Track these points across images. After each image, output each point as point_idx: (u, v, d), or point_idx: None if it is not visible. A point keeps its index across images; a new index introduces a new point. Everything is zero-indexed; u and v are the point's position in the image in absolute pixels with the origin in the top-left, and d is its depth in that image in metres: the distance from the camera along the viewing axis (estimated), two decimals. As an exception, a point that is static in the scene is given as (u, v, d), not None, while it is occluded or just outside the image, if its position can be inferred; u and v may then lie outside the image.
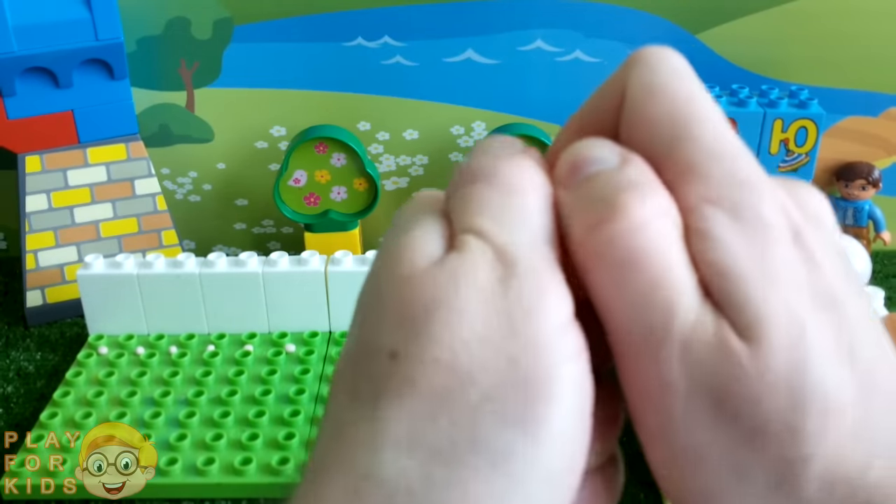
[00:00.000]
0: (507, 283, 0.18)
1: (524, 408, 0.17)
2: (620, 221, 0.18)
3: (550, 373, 0.18)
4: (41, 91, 0.73)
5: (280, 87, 0.80)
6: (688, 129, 0.19)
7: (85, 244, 0.77)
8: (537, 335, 0.18)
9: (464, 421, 0.17)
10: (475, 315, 0.18)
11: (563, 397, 0.18)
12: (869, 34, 0.75)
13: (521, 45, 0.77)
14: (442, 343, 0.18)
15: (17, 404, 0.67)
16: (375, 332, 0.19)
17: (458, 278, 0.18)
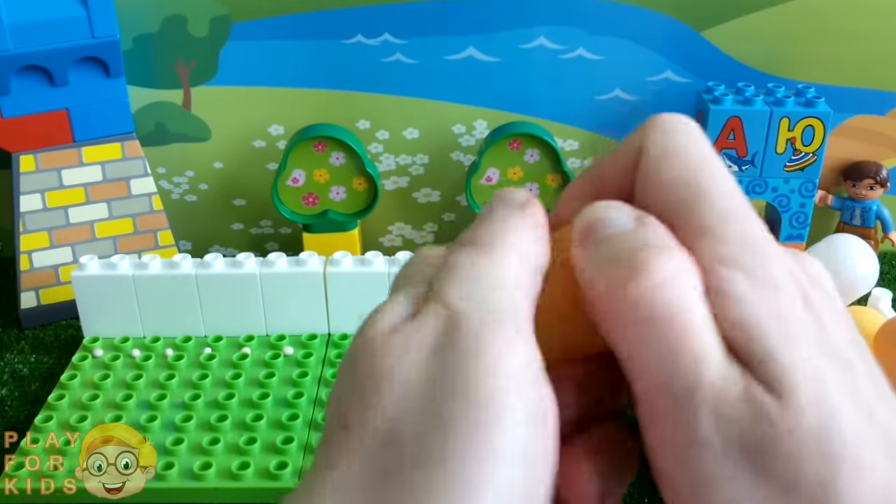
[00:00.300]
0: (456, 345, 0.18)
1: (461, 470, 0.17)
2: (644, 280, 0.18)
3: (495, 435, 0.17)
4: (36, 89, 0.72)
5: (278, 86, 0.79)
6: (701, 192, 0.19)
7: (80, 245, 0.76)
8: (483, 397, 0.18)
9: (393, 490, 0.17)
10: (419, 380, 0.18)
11: (507, 459, 0.17)
12: (876, 32, 0.75)
13: (524, 42, 0.76)
14: (385, 413, 0.18)
15: (11, 407, 0.66)
16: (338, 403, 0.20)
17: (405, 344, 0.19)
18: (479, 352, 0.18)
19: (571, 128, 0.80)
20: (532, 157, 0.76)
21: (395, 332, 0.19)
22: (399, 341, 0.19)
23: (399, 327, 0.19)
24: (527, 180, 0.77)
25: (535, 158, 0.76)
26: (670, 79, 0.77)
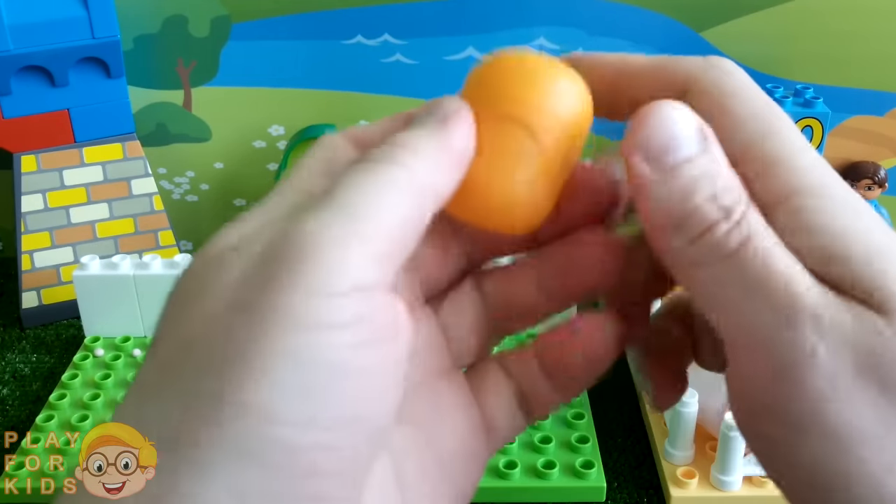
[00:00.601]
0: (263, 260, 0.18)
1: (223, 385, 0.17)
2: (726, 224, 0.19)
3: (263, 344, 0.17)
4: (37, 90, 0.72)
5: (279, 86, 0.79)
6: (772, 128, 0.20)
7: (81, 245, 0.77)
8: (270, 303, 0.17)
9: (172, 398, 0.18)
10: (219, 297, 0.18)
11: (280, 372, 0.17)
12: (875, 32, 0.75)
13: (524, 43, 0.77)
14: (184, 327, 0.18)
15: (12, 407, 0.66)
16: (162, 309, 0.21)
17: (232, 261, 0.19)
18: (286, 275, 0.18)
19: (571, 128, 0.80)
20: (531, 157, 0.76)
21: (232, 251, 0.19)
22: (214, 257, 0.19)
23: (236, 246, 0.19)
24: (526, 180, 0.77)
25: (534, 159, 0.76)
26: (669, 79, 0.78)
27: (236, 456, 0.16)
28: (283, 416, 0.17)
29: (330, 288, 0.17)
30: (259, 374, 0.17)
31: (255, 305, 0.17)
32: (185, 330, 0.18)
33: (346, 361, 0.17)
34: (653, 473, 0.58)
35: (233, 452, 0.16)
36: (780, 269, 0.18)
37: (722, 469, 0.54)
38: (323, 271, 0.17)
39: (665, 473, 0.56)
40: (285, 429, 0.17)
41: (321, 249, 0.17)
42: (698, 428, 0.56)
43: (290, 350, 0.17)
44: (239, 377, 0.17)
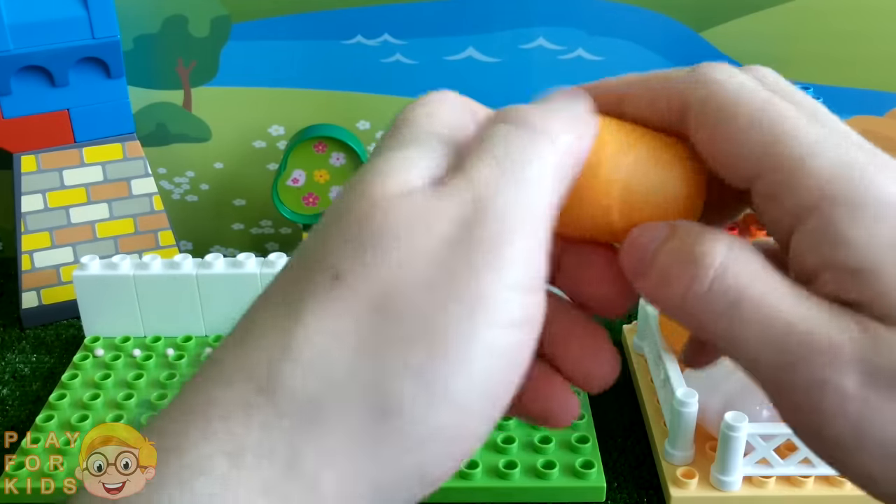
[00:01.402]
0: (469, 236, 0.18)
1: (431, 363, 0.17)
2: (703, 277, 0.19)
3: (473, 336, 0.17)
4: (37, 90, 0.72)
5: (278, 86, 0.79)
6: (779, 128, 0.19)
7: (81, 245, 0.77)
8: (476, 295, 0.17)
9: (372, 361, 0.17)
10: (427, 260, 0.18)
11: (478, 363, 0.17)
12: (874, 33, 0.75)
13: (523, 43, 0.77)
14: (384, 279, 0.17)
15: (12, 407, 0.66)
16: (327, 248, 0.19)
17: (422, 218, 0.18)
18: (494, 261, 0.18)
19: (571, 128, 0.80)
20: (531, 157, 0.76)
21: (408, 198, 0.18)
22: (412, 209, 0.18)
23: (414, 193, 0.18)
24: (526, 180, 0.77)
25: (534, 159, 0.76)
26: (669, 79, 0.78)
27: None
28: (467, 405, 0.17)
29: (523, 283, 0.18)
30: (458, 363, 0.17)
31: (460, 291, 0.17)
32: (384, 279, 0.18)
33: (517, 357, 0.18)
34: (653, 473, 0.58)
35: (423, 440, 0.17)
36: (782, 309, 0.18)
37: (722, 469, 0.54)
38: (520, 265, 0.18)
39: (665, 473, 0.56)
40: (464, 416, 0.18)
41: (516, 237, 0.18)
42: (698, 428, 0.56)
43: (488, 344, 0.17)
44: (436, 358, 0.17)
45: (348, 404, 0.17)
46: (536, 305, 0.19)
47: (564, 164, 0.19)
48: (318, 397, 0.17)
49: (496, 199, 0.18)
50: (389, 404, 0.17)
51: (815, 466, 0.53)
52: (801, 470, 0.54)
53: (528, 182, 0.19)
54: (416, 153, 0.20)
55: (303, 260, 0.19)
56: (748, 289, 0.19)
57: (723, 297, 0.19)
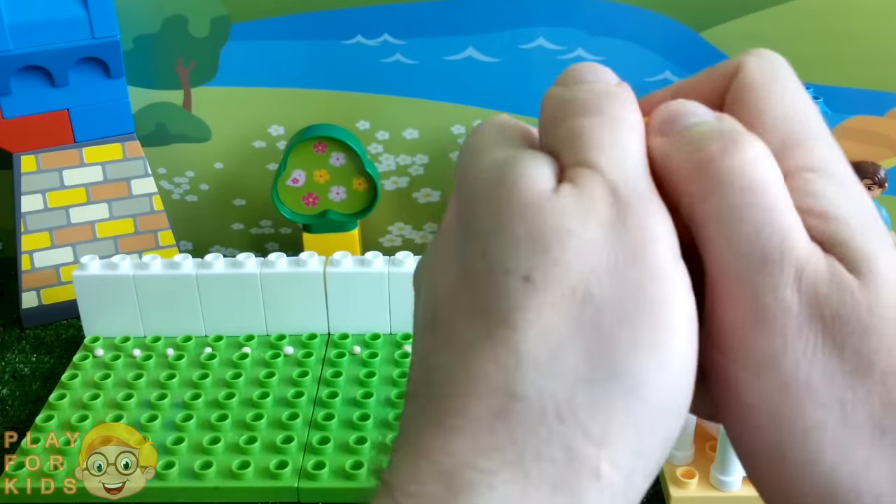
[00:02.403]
0: (624, 216, 0.19)
1: (652, 333, 0.18)
2: (742, 152, 0.19)
3: (673, 300, 0.19)
4: (37, 90, 0.72)
5: (278, 86, 0.79)
6: (798, 113, 0.21)
7: (81, 245, 0.77)
8: (657, 265, 0.19)
9: (600, 347, 0.18)
10: (602, 246, 0.19)
11: (683, 325, 0.19)
12: (875, 33, 0.75)
13: (523, 43, 0.77)
14: (576, 272, 0.18)
15: (12, 407, 0.66)
16: (504, 256, 0.19)
17: (583, 210, 0.19)
18: (646, 224, 0.19)
19: (571, 128, 0.80)
20: (531, 157, 0.76)
21: (557, 195, 0.19)
22: (568, 205, 0.19)
23: (560, 192, 0.19)
24: (526, 180, 0.77)
25: (534, 159, 0.76)
26: (669, 79, 0.78)
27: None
28: (690, 368, 0.19)
29: (676, 249, 0.19)
30: (673, 329, 0.19)
31: (644, 266, 0.19)
32: (574, 271, 0.19)
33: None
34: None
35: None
36: (784, 214, 0.19)
37: (722, 469, 0.54)
38: (667, 232, 0.19)
39: (665, 473, 0.56)
40: (690, 378, 0.19)
41: (651, 206, 0.19)
42: (698, 428, 0.56)
43: (688, 308, 0.19)
44: (657, 328, 0.18)
45: (593, 391, 0.18)
46: (685, 269, 0.20)
47: (642, 143, 0.21)
48: (571, 394, 0.18)
49: (620, 182, 0.19)
50: (631, 380, 0.18)
51: (816, 466, 0.53)
52: (802, 470, 0.54)
53: (629, 156, 0.20)
54: (532, 161, 0.20)
55: (477, 259, 0.20)
56: (776, 184, 0.20)
57: (742, 176, 0.19)
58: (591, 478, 0.18)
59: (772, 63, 0.22)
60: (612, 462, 0.18)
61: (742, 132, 0.20)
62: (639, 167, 0.20)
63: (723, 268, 0.20)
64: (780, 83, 0.22)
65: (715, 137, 0.20)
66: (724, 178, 0.19)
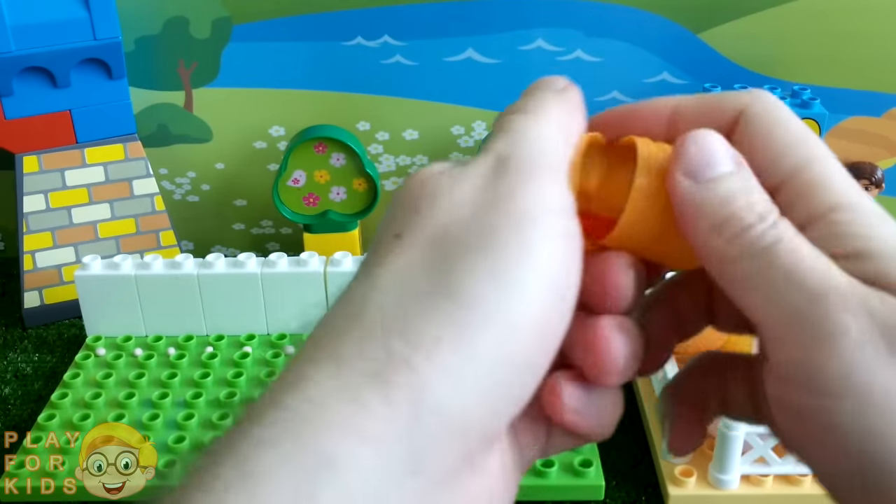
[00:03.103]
0: (502, 177, 0.22)
1: (493, 263, 0.20)
2: (762, 225, 0.21)
3: (530, 243, 0.21)
4: (39, 91, 0.72)
5: (279, 87, 0.80)
6: (816, 153, 0.23)
7: (83, 245, 0.77)
8: (521, 214, 0.21)
9: (443, 271, 0.21)
10: (470, 200, 0.22)
11: (538, 264, 0.21)
12: (872, 33, 0.75)
13: (522, 44, 0.77)
14: (438, 222, 0.21)
15: (14, 406, 0.66)
16: (387, 224, 0.23)
17: (460, 177, 0.22)
18: (522, 182, 0.22)
19: (570, 129, 0.80)
20: (530, 157, 0.76)
21: (447, 170, 0.23)
22: (451, 176, 0.22)
23: (451, 167, 0.23)
24: (525, 181, 0.77)
25: (533, 159, 0.76)
26: (667, 80, 0.78)
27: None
28: (534, 294, 0.21)
29: (555, 207, 0.22)
30: (519, 259, 0.21)
31: (507, 211, 0.21)
32: (437, 223, 0.22)
33: (570, 260, 0.22)
34: (651, 472, 0.58)
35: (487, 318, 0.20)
36: (810, 261, 0.21)
37: (720, 468, 0.54)
38: (548, 193, 0.22)
39: (663, 472, 0.56)
40: (533, 304, 0.21)
41: (537, 172, 0.22)
42: (696, 427, 0.56)
43: (540, 248, 0.21)
44: (498, 259, 0.21)
45: (425, 303, 0.20)
46: (574, 226, 0.22)
47: (563, 127, 0.23)
48: (403, 309, 0.20)
49: (512, 153, 0.22)
50: (468, 300, 0.20)
51: (812, 465, 0.54)
52: (799, 468, 0.54)
53: (537, 139, 0.23)
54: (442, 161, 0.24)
55: (377, 237, 0.23)
56: (791, 237, 0.21)
57: (767, 240, 0.21)
58: (404, 371, 0.19)
59: (776, 108, 0.24)
60: (428, 358, 0.19)
61: (756, 190, 0.22)
62: (541, 148, 0.23)
63: (770, 316, 0.21)
64: (789, 125, 0.23)
65: (741, 199, 0.22)
66: (752, 246, 0.21)
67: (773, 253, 0.21)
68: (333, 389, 0.19)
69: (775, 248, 0.21)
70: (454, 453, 0.20)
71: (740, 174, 0.22)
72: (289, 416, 0.19)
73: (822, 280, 0.20)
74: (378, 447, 0.18)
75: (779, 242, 0.21)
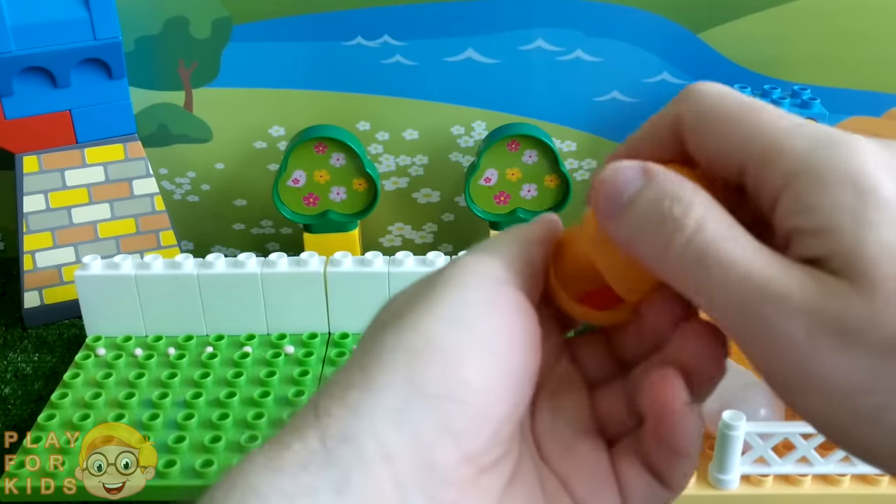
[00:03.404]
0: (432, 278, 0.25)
1: (403, 313, 0.24)
2: (679, 236, 0.21)
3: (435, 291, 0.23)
4: (39, 91, 0.72)
5: (279, 87, 0.80)
6: (757, 119, 0.22)
7: (83, 245, 0.77)
8: (436, 278, 0.24)
9: (365, 344, 0.24)
10: (416, 286, 0.25)
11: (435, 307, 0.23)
12: (872, 33, 0.75)
13: (522, 44, 0.77)
14: (379, 317, 0.26)
15: (14, 406, 0.66)
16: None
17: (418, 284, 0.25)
18: (452, 263, 0.25)
19: (569, 129, 0.81)
20: (530, 157, 0.76)
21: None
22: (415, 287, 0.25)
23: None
24: (525, 181, 0.77)
25: (533, 159, 0.76)
26: (667, 80, 0.78)
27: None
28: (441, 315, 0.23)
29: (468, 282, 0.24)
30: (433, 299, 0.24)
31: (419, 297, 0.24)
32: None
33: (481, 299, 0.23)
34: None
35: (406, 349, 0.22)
36: (744, 266, 0.20)
37: (720, 468, 0.54)
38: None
39: (663, 472, 0.56)
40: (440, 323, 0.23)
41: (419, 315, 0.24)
42: (696, 427, 0.56)
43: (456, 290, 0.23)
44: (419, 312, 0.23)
45: (346, 370, 0.23)
46: (508, 293, 0.24)
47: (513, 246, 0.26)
48: (329, 382, 0.23)
49: (471, 253, 0.25)
50: (378, 351, 0.23)
51: (813, 465, 0.54)
52: (799, 468, 0.54)
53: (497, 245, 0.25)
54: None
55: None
56: (717, 242, 0.21)
57: (694, 251, 0.21)
58: (316, 415, 0.22)
59: (703, 97, 0.23)
60: (340, 402, 0.22)
61: (673, 197, 0.21)
62: (498, 253, 0.25)
63: (722, 323, 0.21)
64: (721, 107, 0.22)
65: (658, 207, 0.21)
66: (675, 264, 0.21)
67: (703, 265, 0.20)
68: (260, 453, 0.22)
69: (704, 259, 0.20)
70: (381, 477, 0.21)
71: (651, 184, 0.22)
72: (229, 474, 0.21)
73: (759, 287, 0.20)
74: (295, 475, 0.21)
75: (705, 252, 0.20)
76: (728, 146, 0.22)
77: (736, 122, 0.22)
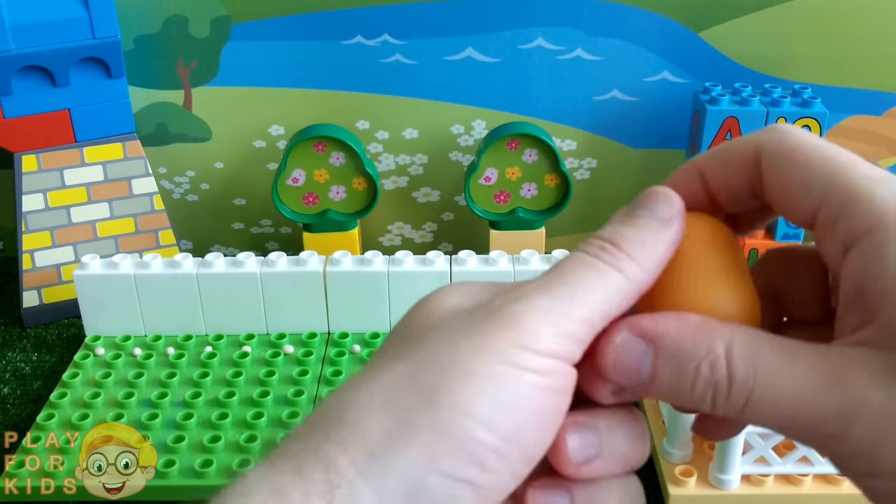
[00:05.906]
0: (484, 314, 0.24)
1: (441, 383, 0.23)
2: (720, 391, 0.22)
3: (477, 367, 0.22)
4: (38, 90, 0.72)
5: (278, 86, 0.80)
6: (846, 162, 0.22)
7: (82, 244, 0.77)
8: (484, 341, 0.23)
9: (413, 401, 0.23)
10: (443, 339, 0.24)
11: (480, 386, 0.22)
12: (873, 32, 0.75)
13: (522, 43, 0.77)
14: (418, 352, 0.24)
15: (13, 406, 0.66)
16: (388, 339, 0.25)
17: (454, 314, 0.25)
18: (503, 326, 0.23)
19: (569, 128, 0.80)
20: (530, 156, 0.76)
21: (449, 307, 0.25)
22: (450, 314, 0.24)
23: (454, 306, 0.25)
24: (525, 180, 0.77)
25: (533, 158, 0.76)
26: (668, 79, 0.78)
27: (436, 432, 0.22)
28: (475, 414, 0.22)
29: (525, 345, 0.22)
30: (469, 386, 0.22)
31: (478, 343, 0.23)
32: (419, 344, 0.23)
33: (525, 394, 0.22)
34: (651, 472, 0.58)
35: (433, 429, 0.22)
36: (793, 392, 0.21)
37: (720, 468, 0.54)
38: (521, 333, 0.22)
39: (663, 472, 0.56)
40: (473, 423, 0.22)
41: (524, 319, 0.23)
42: (696, 426, 0.56)
43: (494, 373, 0.22)
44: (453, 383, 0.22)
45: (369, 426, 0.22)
46: (547, 363, 0.23)
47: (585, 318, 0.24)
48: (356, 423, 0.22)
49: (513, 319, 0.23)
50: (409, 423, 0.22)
51: (813, 465, 0.54)
52: (799, 468, 0.54)
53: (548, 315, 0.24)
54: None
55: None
56: (759, 378, 0.21)
57: (736, 402, 0.21)
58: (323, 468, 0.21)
59: (791, 134, 0.23)
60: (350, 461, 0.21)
61: (690, 353, 0.22)
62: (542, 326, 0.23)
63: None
64: (810, 145, 0.23)
65: (685, 383, 0.22)
66: (726, 411, 0.22)
67: (755, 410, 0.21)
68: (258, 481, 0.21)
69: (751, 404, 0.21)
70: None
71: (663, 354, 0.22)
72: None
73: (813, 413, 0.20)
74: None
75: (751, 397, 0.21)
76: (811, 182, 0.22)
77: (822, 161, 0.22)
